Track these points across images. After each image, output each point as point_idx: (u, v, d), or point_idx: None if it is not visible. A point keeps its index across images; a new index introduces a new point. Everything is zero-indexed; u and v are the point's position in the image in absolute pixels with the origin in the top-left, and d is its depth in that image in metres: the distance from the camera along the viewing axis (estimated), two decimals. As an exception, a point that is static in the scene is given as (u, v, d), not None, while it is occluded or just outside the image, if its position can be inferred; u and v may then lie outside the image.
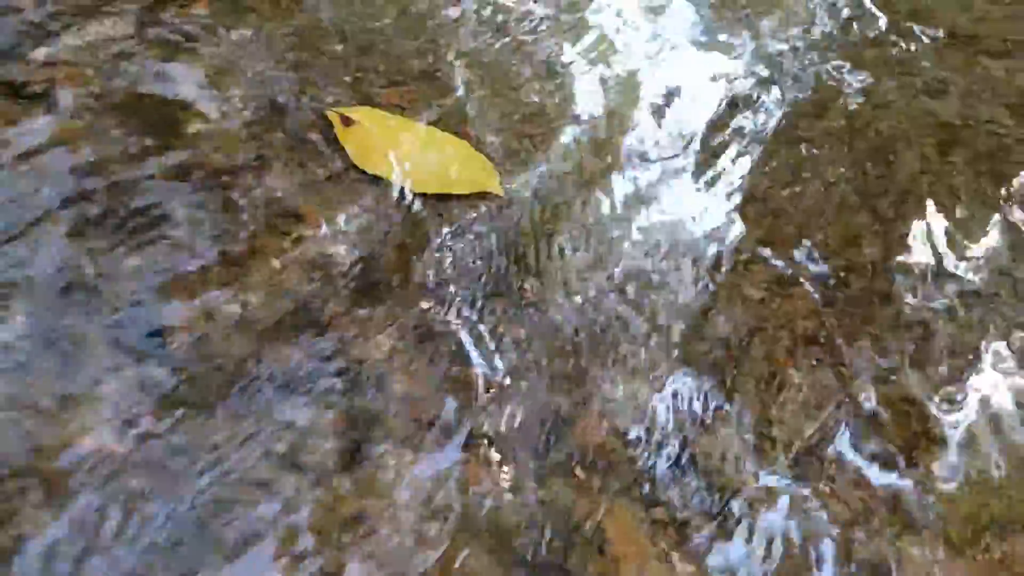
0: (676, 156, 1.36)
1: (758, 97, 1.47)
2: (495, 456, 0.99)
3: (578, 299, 1.14)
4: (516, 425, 1.01)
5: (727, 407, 1.05)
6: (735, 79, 1.48)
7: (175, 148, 1.21)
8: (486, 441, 0.99)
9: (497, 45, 1.43)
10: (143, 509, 0.90)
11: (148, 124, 1.24)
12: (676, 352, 1.10)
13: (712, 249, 1.23)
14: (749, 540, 0.95)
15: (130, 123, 1.24)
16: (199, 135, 1.23)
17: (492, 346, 1.07)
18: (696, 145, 1.38)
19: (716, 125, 1.42)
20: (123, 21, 1.38)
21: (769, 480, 1.00)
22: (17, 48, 1.31)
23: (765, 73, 1.50)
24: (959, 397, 1.10)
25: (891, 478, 1.02)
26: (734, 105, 1.45)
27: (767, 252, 1.24)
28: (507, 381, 1.04)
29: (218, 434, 0.96)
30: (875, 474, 1.02)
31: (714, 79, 1.48)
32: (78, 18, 1.37)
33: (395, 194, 1.21)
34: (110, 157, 1.19)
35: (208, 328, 1.04)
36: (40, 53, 1.31)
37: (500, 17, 1.48)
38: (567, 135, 1.32)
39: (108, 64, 1.30)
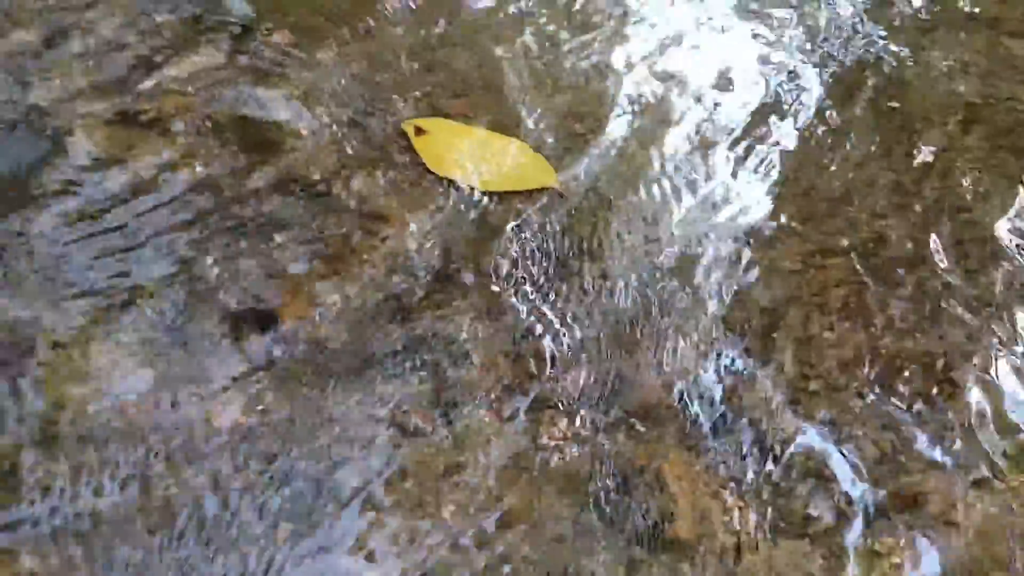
0: (718, 143, 1.50)
1: (795, 81, 1.60)
2: (564, 415, 1.14)
3: (632, 278, 1.29)
4: (580, 388, 1.17)
5: (768, 367, 1.20)
6: (774, 63, 1.62)
7: (274, 163, 1.39)
8: (556, 402, 1.15)
9: (548, 53, 1.58)
10: (270, 469, 1.08)
11: (249, 143, 1.42)
12: (720, 320, 1.24)
13: (750, 227, 1.37)
14: (788, 477, 1.10)
15: (233, 143, 1.42)
16: (294, 150, 1.41)
17: (556, 322, 1.23)
18: (738, 131, 1.52)
19: (757, 111, 1.55)
20: (216, 51, 1.56)
21: (807, 426, 1.14)
22: (127, 80, 1.50)
23: (802, 58, 1.63)
24: (976, 352, 1.23)
25: (916, 421, 1.16)
26: (774, 89, 1.59)
27: (801, 227, 1.38)
28: (571, 351, 1.20)
29: (329, 405, 1.14)
30: (902, 417, 1.16)
31: (754, 63, 1.61)
32: (176, 50, 1.56)
33: (466, 194, 1.37)
34: (220, 174, 1.37)
35: (315, 317, 1.21)
36: (148, 84, 1.50)
37: (551, 26, 1.64)
38: (616, 130, 1.47)
39: (208, 91, 1.49)
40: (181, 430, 1.10)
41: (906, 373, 1.21)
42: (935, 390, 1.20)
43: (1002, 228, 1.40)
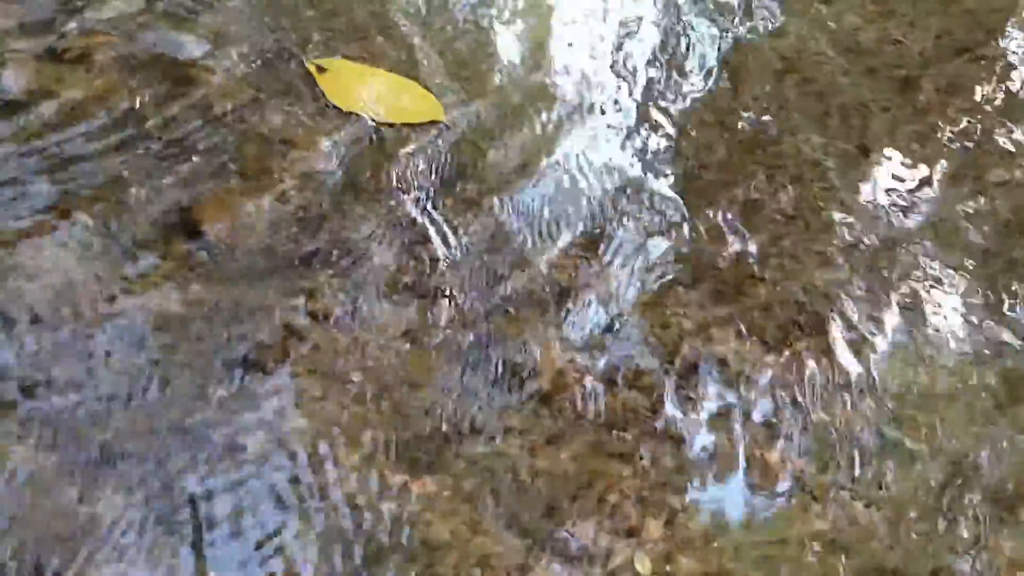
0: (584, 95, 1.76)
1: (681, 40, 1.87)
2: (450, 303, 1.39)
3: (505, 196, 1.54)
4: (465, 281, 1.41)
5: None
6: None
7: (191, 96, 1.58)
8: (444, 293, 1.39)
9: (438, 3, 1.81)
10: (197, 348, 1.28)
11: (167, 78, 1.60)
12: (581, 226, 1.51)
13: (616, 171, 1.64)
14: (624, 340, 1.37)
15: (153, 78, 1.60)
16: (209, 85, 1.60)
17: (443, 229, 1.47)
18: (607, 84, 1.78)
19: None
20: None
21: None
22: (52, 22, 1.66)
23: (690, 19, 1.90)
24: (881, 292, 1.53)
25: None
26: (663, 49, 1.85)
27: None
28: (456, 253, 1.44)
29: (249, 297, 1.34)
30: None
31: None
32: (97, -2, 1.72)
33: (364, 125, 1.59)
34: (142, 104, 1.55)
35: (234, 225, 1.42)
36: (72, 25, 1.66)
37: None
38: (498, 77, 1.71)
39: (129, 33, 1.65)
40: (117, 318, 1.29)
41: (820, 315, 1.50)
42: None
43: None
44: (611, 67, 1.80)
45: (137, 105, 1.55)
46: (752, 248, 1.51)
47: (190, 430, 1.20)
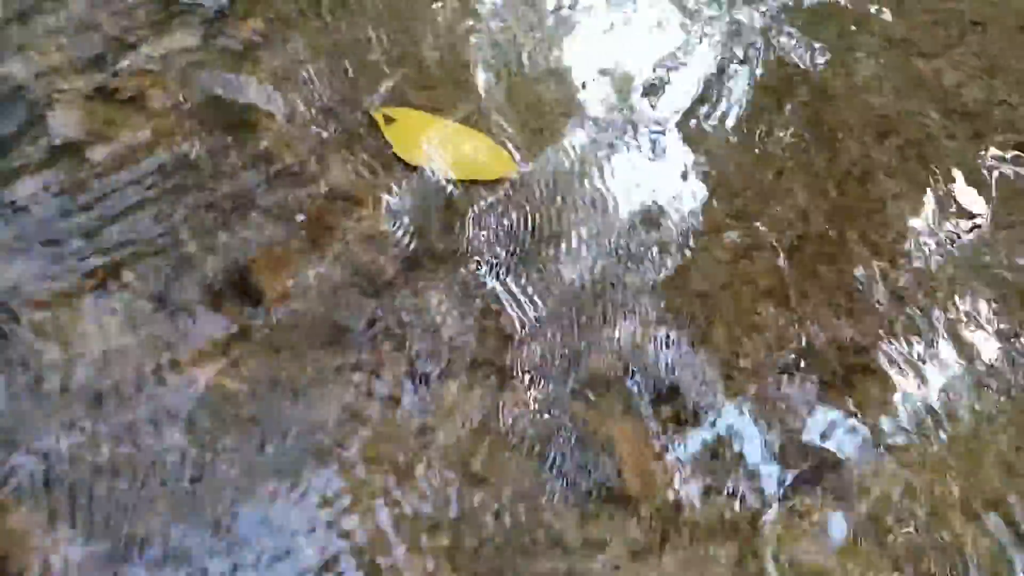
0: (661, 133, 1.63)
1: (729, 80, 1.74)
2: (525, 386, 1.26)
3: (584, 261, 1.41)
4: (542, 359, 1.29)
5: (705, 346, 1.34)
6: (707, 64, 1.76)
7: (249, 144, 1.47)
8: (518, 373, 1.27)
9: (510, 52, 1.69)
10: (252, 431, 1.17)
11: (224, 123, 1.49)
12: (662, 303, 1.38)
13: (688, 219, 1.51)
14: (717, 441, 1.24)
15: (208, 123, 1.49)
16: (268, 132, 1.49)
17: (519, 298, 1.34)
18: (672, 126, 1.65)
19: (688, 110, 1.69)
20: (190, 35, 1.63)
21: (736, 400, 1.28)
22: (103, 59, 1.56)
23: (738, 54, 1.77)
24: (886, 338, 1.39)
25: (831, 399, 1.31)
26: (707, 89, 1.72)
27: (733, 222, 1.52)
28: (531, 328, 1.32)
29: (308, 372, 1.23)
30: (818, 396, 1.31)
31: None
32: (150, 32, 1.62)
33: (433, 180, 1.47)
34: (196, 152, 1.44)
35: (293, 289, 1.30)
36: (124, 63, 1.56)
37: (512, 29, 1.74)
38: (576, 129, 1.59)
39: (183, 72, 1.55)
40: (164, 392, 1.18)
41: (824, 356, 1.36)
42: (849, 372, 1.35)
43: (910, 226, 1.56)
44: (694, 123, 1.67)
45: (192, 153, 1.44)
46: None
47: (232, 528, 1.08)
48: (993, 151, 1.67)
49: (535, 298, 1.35)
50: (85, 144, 1.42)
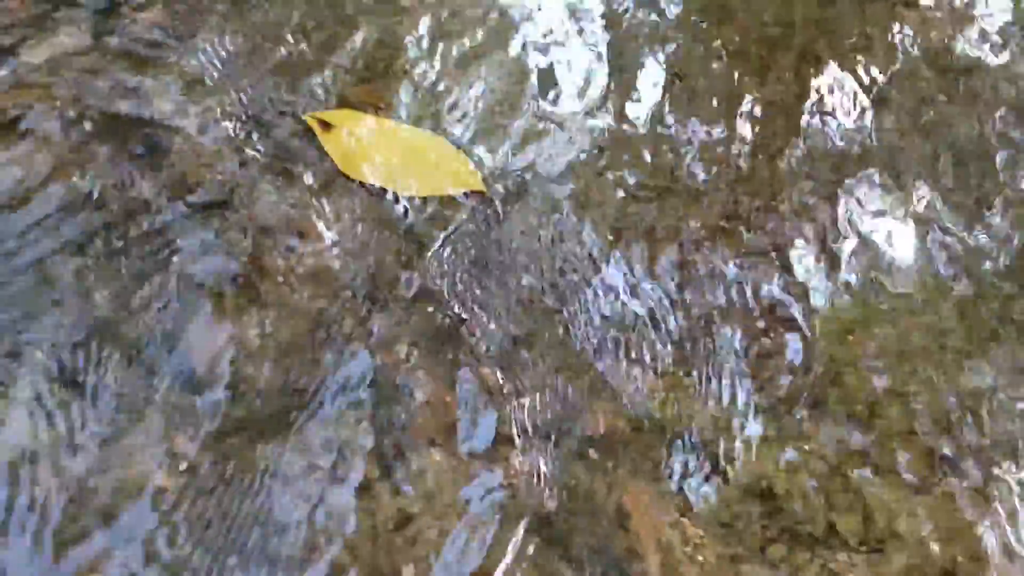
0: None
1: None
2: (516, 451, 1.09)
3: (574, 296, 1.23)
4: (533, 418, 1.11)
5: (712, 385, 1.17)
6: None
7: (163, 170, 1.24)
8: (506, 437, 1.09)
9: (467, 30, 1.46)
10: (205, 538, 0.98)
11: (131, 146, 1.25)
12: (676, 338, 1.20)
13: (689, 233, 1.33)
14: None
15: (113, 147, 1.25)
16: (183, 153, 1.26)
17: (501, 343, 1.16)
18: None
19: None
20: (79, 32, 1.36)
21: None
22: (-27, 68, 1.29)
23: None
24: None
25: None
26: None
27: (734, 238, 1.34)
28: (519, 378, 1.14)
29: (263, 459, 1.03)
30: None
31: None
32: (30, 31, 1.35)
33: (386, 199, 1.26)
34: (101, 185, 1.20)
35: (236, 357, 1.09)
36: (2, 74, 1.29)
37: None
38: (551, 129, 1.38)
39: (76, 82, 1.30)
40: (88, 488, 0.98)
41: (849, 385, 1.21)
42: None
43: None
44: (703, 151, 1.47)
45: (90, 187, 1.20)
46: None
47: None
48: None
49: (518, 343, 1.17)
50: (-40, 185, 1.18)
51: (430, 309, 1.17)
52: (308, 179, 1.26)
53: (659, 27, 1.54)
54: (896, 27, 1.62)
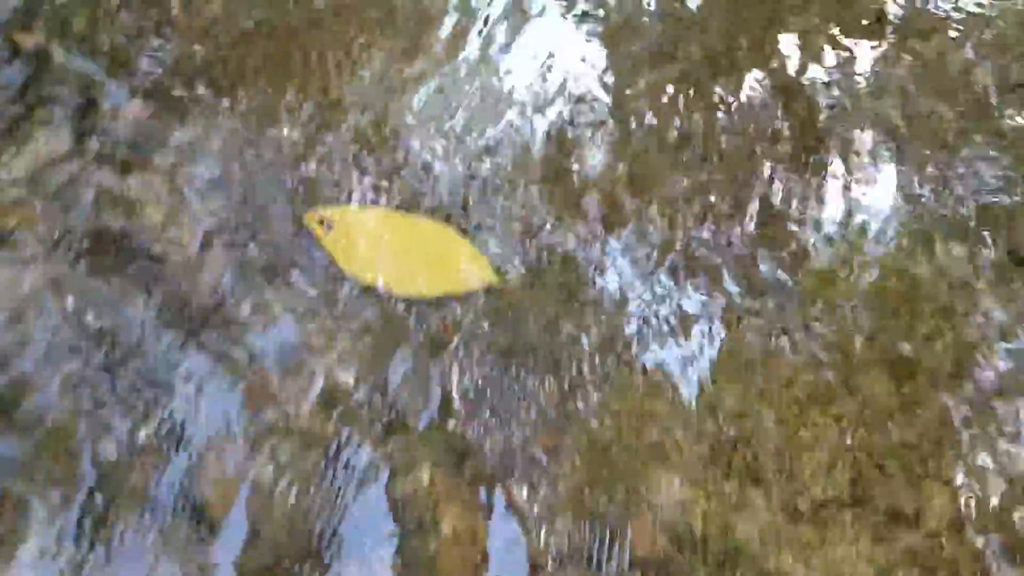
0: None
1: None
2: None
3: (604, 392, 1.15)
4: (569, 543, 1.05)
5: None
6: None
7: (157, 287, 1.17)
8: (544, 563, 1.03)
9: (465, 110, 1.38)
10: None
11: (121, 263, 1.18)
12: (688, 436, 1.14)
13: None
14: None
15: (101, 265, 1.18)
16: (177, 267, 1.19)
17: (530, 459, 1.09)
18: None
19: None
20: (56, 135, 1.29)
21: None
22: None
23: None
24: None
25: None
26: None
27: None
28: (553, 497, 1.07)
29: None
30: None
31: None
32: (5, 136, 1.28)
33: (396, 302, 1.19)
34: (91, 309, 1.14)
35: (251, 501, 1.03)
36: (-21, 188, 1.22)
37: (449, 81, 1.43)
38: (562, 220, 1.29)
39: (59, 195, 1.22)
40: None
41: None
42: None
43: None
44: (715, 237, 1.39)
45: (86, 315, 1.14)
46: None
47: None
48: None
49: (549, 454, 1.10)
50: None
51: (449, 424, 1.11)
52: (310, 286, 1.19)
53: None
54: None
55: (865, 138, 1.37)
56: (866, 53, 1.46)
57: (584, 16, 1.49)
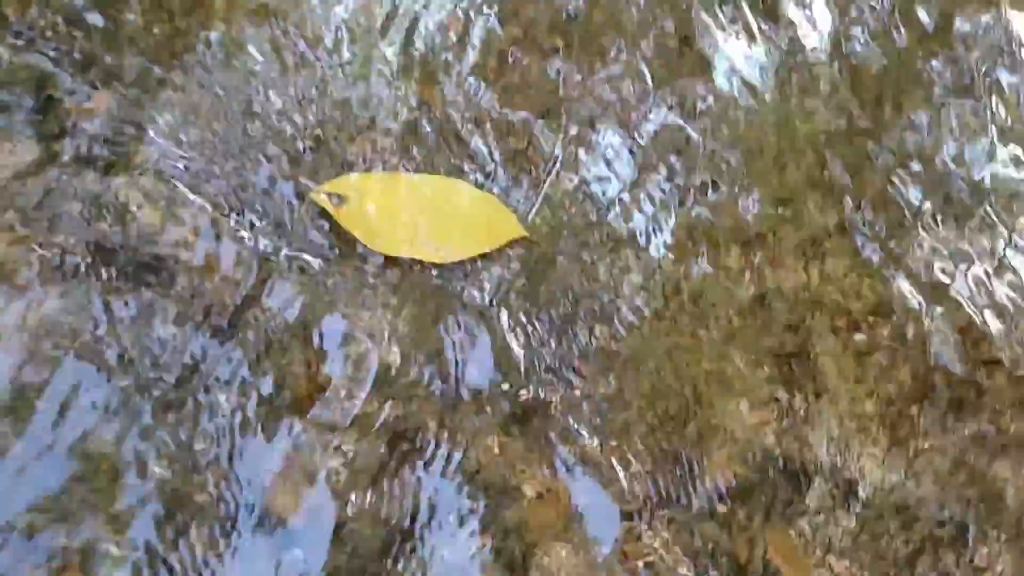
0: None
1: None
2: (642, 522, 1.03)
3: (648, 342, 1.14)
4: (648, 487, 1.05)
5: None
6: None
7: (169, 294, 1.09)
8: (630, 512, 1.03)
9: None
10: None
11: (124, 274, 1.10)
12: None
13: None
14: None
15: (103, 278, 1.10)
16: (187, 272, 1.11)
17: (592, 420, 1.08)
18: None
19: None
20: (22, 141, 1.18)
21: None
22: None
23: None
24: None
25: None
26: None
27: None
28: (623, 449, 1.06)
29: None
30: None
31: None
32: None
33: (422, 271, 1.14)
34: (102, 324, 1.06)
35: (323, 501, 1.00)
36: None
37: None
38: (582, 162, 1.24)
39: (40, 210, 1.13)
40: None
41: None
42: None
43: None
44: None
45: (95, 328, 1.06)
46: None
47: None
48: None
49: (611, 409, 1.09)
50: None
51: (506, 387, 1.08)
52: (333, 268, 1.13)
53: None
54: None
55: None
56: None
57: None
